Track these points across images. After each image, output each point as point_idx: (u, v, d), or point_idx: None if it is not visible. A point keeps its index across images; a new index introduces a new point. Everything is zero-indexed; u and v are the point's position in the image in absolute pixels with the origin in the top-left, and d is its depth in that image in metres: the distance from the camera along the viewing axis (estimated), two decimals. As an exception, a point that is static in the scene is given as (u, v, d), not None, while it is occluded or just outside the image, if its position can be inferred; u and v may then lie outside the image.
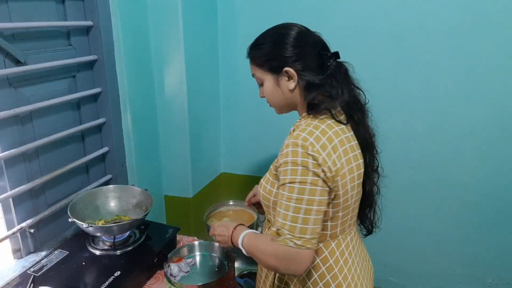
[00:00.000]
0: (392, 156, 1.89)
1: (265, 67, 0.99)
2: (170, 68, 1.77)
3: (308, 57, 0.96)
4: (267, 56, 0.98)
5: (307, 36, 0.98)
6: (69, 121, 1.41)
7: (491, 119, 1.74)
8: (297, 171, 0.87)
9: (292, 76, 0.96)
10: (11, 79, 1.17)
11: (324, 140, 0.91)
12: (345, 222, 1.01)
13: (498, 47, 1.65)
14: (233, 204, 1.48)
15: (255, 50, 1.02)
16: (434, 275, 2.05)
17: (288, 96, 1.00)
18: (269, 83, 1.01)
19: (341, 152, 0.93)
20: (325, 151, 0.89)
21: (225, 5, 1.97)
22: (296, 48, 0.96)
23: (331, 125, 0.95)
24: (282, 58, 0.96)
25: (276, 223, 0.91)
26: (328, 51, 0.99)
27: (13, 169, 1.21)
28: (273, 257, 0.90)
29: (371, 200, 1.10)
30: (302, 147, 0.88)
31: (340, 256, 1.00)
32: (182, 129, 1.85)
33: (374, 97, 1.05)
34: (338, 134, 0.95)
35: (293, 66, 0.96)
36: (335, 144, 0.93)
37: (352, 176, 0.96)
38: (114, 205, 1.41)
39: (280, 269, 0.91)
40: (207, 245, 1.36)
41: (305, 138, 0.89)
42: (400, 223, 2.01)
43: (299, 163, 0.87)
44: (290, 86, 0.98)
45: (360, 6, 1.77)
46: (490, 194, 1.83)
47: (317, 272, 0.99)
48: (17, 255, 1.28)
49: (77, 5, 1.36)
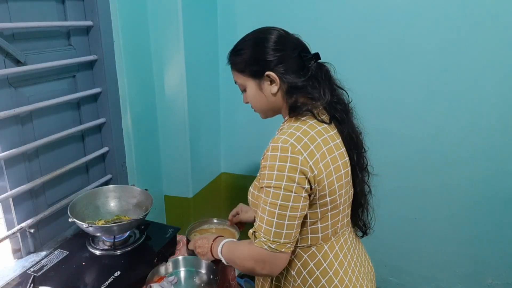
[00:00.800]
0: (392, 157, 1.90)
1: (247, 72, 0.99)
2: (170, 68, 1.77)
3: (288, 60, 0.96)
4: (248, 62, 0.98)
5: (287, 39, 0.98)
6: (69, 121, 1.41)
7: (490, 119, 1.74)
8: (273, 176, 0.88)
9: (274, 80, 0.96)
10: (11, 79, 1.17)
11: (305, 140, 0.90)
12: (336, 223, 1.00)
13: (498, 47, 1.65)
14: (216, 222, 1.48)
15: (235, 56, 1.01)
16: (434, 275, 2.05)
17: (272, 100, 1.00)
18: (251, 89, 1.01)
19: (325, 151, 0.93)
20: (306, 151, 0.89)
21: (225, 5, 1.97)
22: (277, 51, 0.95)
23: (313, 125, 0.95)
24: (263, 63, 0.96)
25: (255, 225, 0.93)
26: (308, 53, 0.99)
27: (13, 169, 1.21)
28: (250, 259, 0.94)
29: (363, 200, 1.09)
30: (281, 150, 0.88)
31: (334, 259, 0.99)
32: (182, 129, 1.85)
33: (372, 96, 1.05)
34: (321, 133, 0.95)
35: (275, 70, 0.95)
36: (318, 143, 0.92)
37: (339, 175, 0.96)
38: (114, 205, 1.41)
39: (257, 270, 0.93)
40: (192, 260, 1.26)
41: (285, 140, 0.89)
42: (400, 223, 2.01)
43: (275, 168, 0.88)
44: (273, 90, 0.97)
45: (360, 6, 1.77)
46: (490, 194, 1.83)
47: (312, 277, 0.98)
48: (17, 255, 1.28)
49: (77, 5, 1.36)
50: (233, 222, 1.41)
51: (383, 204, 1.15)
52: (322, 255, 0.98)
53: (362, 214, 1.11)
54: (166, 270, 1.24)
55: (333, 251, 0.99)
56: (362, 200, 1.09)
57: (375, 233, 1.17)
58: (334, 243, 1.00)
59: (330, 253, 0.99)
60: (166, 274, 1.23)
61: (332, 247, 0.99)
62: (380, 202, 1.14)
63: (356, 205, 1.08)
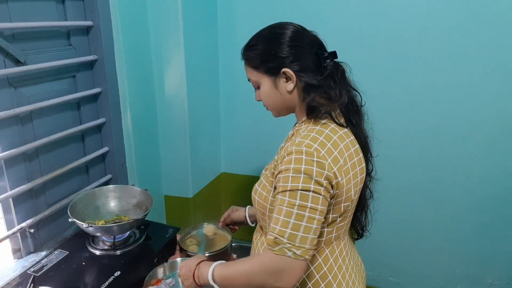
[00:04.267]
0: (392, 156, 1.90)
1: (262, 69, 0.96)
2: (170, 68, 1.77)
3: (305, 57, 0.93)
4: (263, 58, 0.95)
5: (303, 36, 0.95)
6: (69, 121, 1.41)
7: (490, 120, 1.74)
8: (300, 179, 0.83)
9: (291, 77, 0.93)
10: (11, 79, 1.17)
11: (329, 145, 0.88)
12: (340, 228, 0.99)
13: (497, 47, 1.65)
14: (206, 226, 1.44)
15: (249, 51, 0.97)
16: (434, 275, 2.05)
17: (287, 98, 0.96)
18: (266, 86, 0.97)
19: (346, 157, 0.91)
20: (330, 157, 0.87)
21: (225, 5, 1.97)
22: (293, 48, 0.92)
23: (335, 129, 0.93)
24: (279, 59, 0.93)
25: (273, 231, 0.84)
26: (325, 51, 0.96)
27: (13, 169, 1.21)
28: (261, 273, 0.84)
29: (364, 204, 1.08)
30: (306, 154, 0.85)
31: (334, 263, 0.98)
32: (182, 129, 1.85)
33: (371, 98, 1.05)
34: (343, 139, 0.93)
35: (291, 67, 0.92)
36: (341, 149, 0.90)
37: (356, 181, 0.95)
38: (114, 205, 1.41)
39: (269, 284, 0.84)
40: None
41: (309, 145, 0.86)
42: (400, 223, 2.01)
43: (302, 170, 0.83)
44: (289, 87, 0.94)
45: (359, 7, 1.77)
46: (490, 194, 1.83)
47: (311, 281, 0.96)
48: (17, 255, 1.28)
49: (77, 5, 1.36)
50: (225, 223, 1.39)
51: (383, 204, 1.15)
52: (322, 259, 0.97)
53: (361, 218, 1.11)
54: (164, 272, 1.23)
55: (333, 255, 0.98)
56: (363, 203, 1.08)
57: (375, 233, 1.17)
58: (335, 247, 0.99)
59: (331, 257, 0.98)
60: (163, 277, 1.22)
61: (332, 251, 0.99)
62: (380, 202, 1.14)
63: (357, 208, 1.07)
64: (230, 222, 1.39)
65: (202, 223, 1.46)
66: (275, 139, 1.03)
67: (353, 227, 1.12)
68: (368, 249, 1.18)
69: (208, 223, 1.45)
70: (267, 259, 0.84)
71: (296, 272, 0.83)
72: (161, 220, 1.98)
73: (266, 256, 0.84)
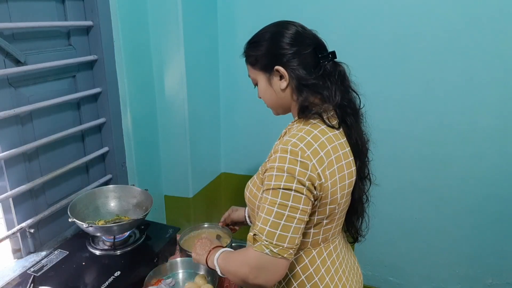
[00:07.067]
0: (392, 156, 1.90)
1: (257, 66, 0.97)
2: (170, 68, 1.77)
3: (302, 56, 0.93)
4: (260, 55, 0.96)
5: (301, 34, 0.95)
6: (69, 121, 1.41)
7: (489, 121, 1.74)
8: (282, 178, 0.84)
9: (283, 75, 0.93)
10: (11, 79, 1.17)
11: (316, 146, 0.88)
12: (328, 230, 0.98)
13: (497, 47, 1.65)
14: (207, 226, 1.45)
15: (249, 48, 0.99)
16: (434, 275, 2.05)
17: (281, 96, 0.97)
18: (262, 83, 0.99)
19: (333, 159, 0.90)
20: (316, 158, 0.86)
21: (225, 5, 1.97)
22: (291, 46, 0.93)
23: (325, 130, 0.92)
24: (274, 57, 0.94)
25: (255, 228, 0.86)
26: (324, 51, 0.96)
27: (13, 169, 1.21)
28: (245, 265, 0.86)
29: (360, 208, 1.07)
30: (291, 153, 0.85)
31: (322, 265, 0.97)
32: (182, 129, 1.85)
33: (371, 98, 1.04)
34: (331, 140, 0.92)
35: (285, 65, 0.93)
36: (328, 150, 0.90)
37: (343, 184, 0.93)
38: (114, 205, 1.41)
39: (250, 278, 0.85)
40: (190, 262, 1.25)
41: (295, 144, 0.86)
42: (400, 223, 2.01)
43: (285, 169, 0.84)
44: (282, 85, 0.95)
45: (360, 7, 1.77)
46: (490, 194, 1.83)
47: (297, 281, 0.96)
48: (17, 255, 1.28)
49: (77, 5, 1.37)
50: (225, 223, 1.39)
51: (383, 204, 1.14)
52: (309, 260, 0.97)
53: (356, 222, 1.09)
54: (164, 272, 1.24)
55: (321, 257, 0.98)
56: (359, 207, 1.06)
57: (375, 233, 1.17)
58: (323, 249, 0.98)
59: (318, 258, 0.97)
60: (163, 277, 1.23)
61: (320, 253, 0.98)
62: (380, 202, 1.13)
63: (352, 212, 1.06)
64: (230, 222, 1.39)
65: (202, 223, 1.46)
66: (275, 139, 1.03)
67: (348, 231, 1.11)
68: (368, 249, 1.18)
69: (207, 223, 1.46)
70: (249, 254, 0.86)
71: (274, 270, 0.84)
72: (161, 220, 1.98)
73: (248, 252, 0.87)
